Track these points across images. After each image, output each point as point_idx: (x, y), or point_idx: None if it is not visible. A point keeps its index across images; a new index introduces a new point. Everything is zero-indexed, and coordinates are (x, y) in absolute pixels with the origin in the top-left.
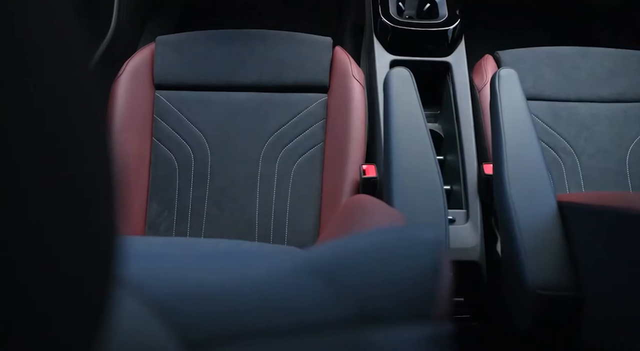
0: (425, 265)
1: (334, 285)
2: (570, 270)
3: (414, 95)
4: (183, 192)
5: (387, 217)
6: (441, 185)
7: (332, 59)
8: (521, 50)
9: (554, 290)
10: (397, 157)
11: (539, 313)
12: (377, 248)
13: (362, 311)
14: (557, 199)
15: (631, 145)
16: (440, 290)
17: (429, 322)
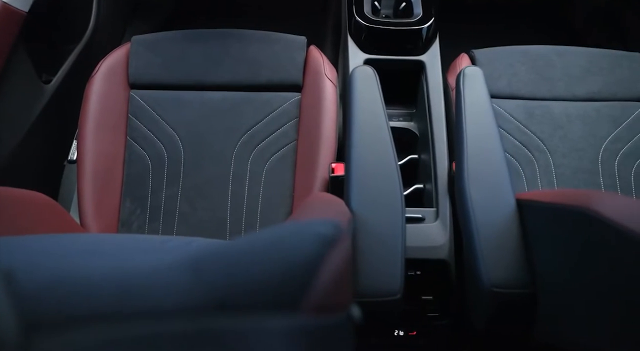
0: (301, 259)
1: (200, 275)
2: (525, 268)
3: (377, 93)
4: (156, 190)
5: (333, 213)
6: (399, 184)
7: (306, 58)
8: (496, 49)
9: (508, 288)
10: (357, 155)
11: (493, 311)
12: (257, 242)
13: (222, 301)
14: (516, 198)
15: (604, 143)
16: (319, 284)
17: (299, 314)
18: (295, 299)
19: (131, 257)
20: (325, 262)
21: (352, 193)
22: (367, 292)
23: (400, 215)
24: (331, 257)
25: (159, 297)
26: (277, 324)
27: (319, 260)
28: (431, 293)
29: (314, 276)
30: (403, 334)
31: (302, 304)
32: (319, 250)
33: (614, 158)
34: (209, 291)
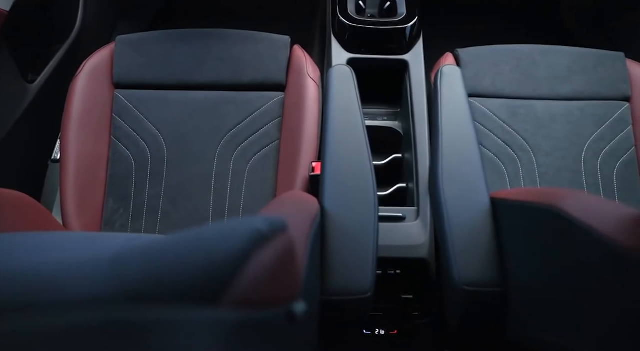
0: (225, 254)
1: (115, 268)
2: (497, 266)
3: (353, 92)
4: (139, 189)
5: (294, 211)
6: (373, 182)
7: (290, 57)
8: (481, 48)
9: (479, 286)
10: (331, 153)
11: (465, 310)
12: (182, 238)
13: (136, 293)
14: (490, 196)
15: (587, 142)
16: (244, 278)
17: (220, 307)
18: (216, 293)
19: (66, 252)
20: (252, 257)
21: (325, 192)
22: (338, 290)
23: (372, 214)
24: (262, 253)
25: (71, 289)
26: (196, 317)
27: (245, 255)
28: (412, 292)
29: (237, 271)
30: (384, 333)
31: (223, 298)
32: (245, 246)
33: (597, 157)
34: (121, 283)
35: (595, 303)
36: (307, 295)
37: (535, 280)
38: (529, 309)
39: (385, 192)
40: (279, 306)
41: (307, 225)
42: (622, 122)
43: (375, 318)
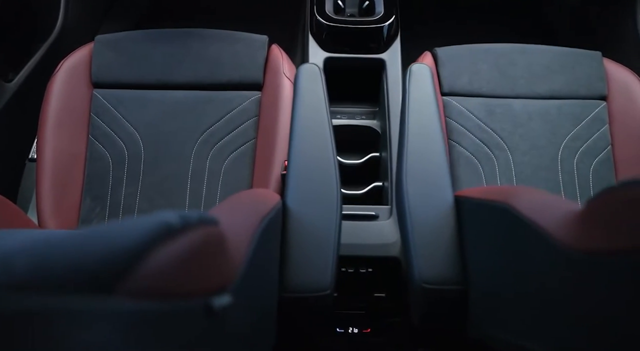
0: (126, 245)
1: (2, 259)
2: (458, 264)
3: (321, 91)
4: (116, 188)
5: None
6: (336, 180)
7: (267, 57)
8: (459, 47)
9: (438, 284)
10: (296, 151)
11: (425, 307)
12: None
13: (22, 282)
14: (454, 195)
15: (564, 141)
16: (144, 270)
17: (115, 297)
18: (111, 282)
19: None
20: (157, 248)
21: (288, 189)
22: (297, 287)
23: (335, 211)
24: (170, 245)
25: None
26: (93, 306)
27: (147, 245)
28: (384, 291)
29: (136, 261)
30: (357, 331)
31: (119, 287)
32: (148, 237)
33: (573, 156)
34: (5, 272)
35: (542, 302)
36: (250, 291)
37: (492, 278)
38: (487, 307)
39: (361, 190)
40: (194, 299)
41: (255, 222)
42: (599, 121)
43: (348, 316)
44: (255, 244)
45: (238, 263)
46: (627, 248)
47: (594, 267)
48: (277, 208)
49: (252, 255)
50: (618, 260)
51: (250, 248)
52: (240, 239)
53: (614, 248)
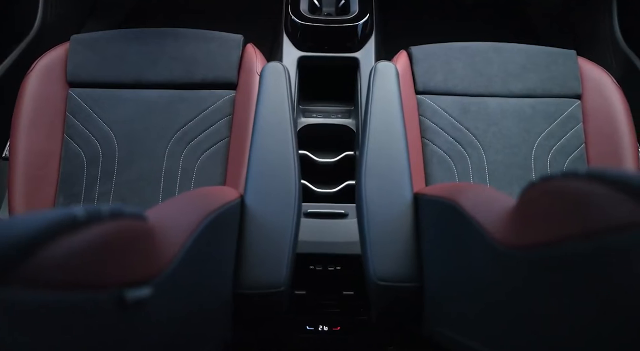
0: (22, 235)
1: None
2: (415, 261)
3: (285, 89)
4: (90, 187)
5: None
6: (295, 177)
7: (242, 56)
8: (435, 46)
9: (393, 282)
10: (257, 149)
11: (381, 305)
12: None
13: None
14: (415, 193)
15: (538, 139)
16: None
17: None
18: (5, 271)
19: None
20: (58, 239)
21: (247, 187)
22: (251, 284)
23: (293, 208)
24: (74, 237)
25: None
26: None
27: (45, 236)
28: (352, 289)
29: (33, 251)
30: (328, 329)
31: (13, 277)
32: (47, 228)
33: (547, 155)
34: None
35: (481, 300)
36: (188, 287)
37: (443, 276)
38: (439, 305)
39: (334, 189)
40: (104, 291)
41: (197, 218)
42: (573, 120)
43: (318, 314)
44: (196, 240)
45: (169, 257)
46: (543, 241)
47: (519, 262)
48: (232, 205)
49: (191, 251)
50: (537, 254)
51: (187, 243)
52: (176, 234)
53: (533, 242)
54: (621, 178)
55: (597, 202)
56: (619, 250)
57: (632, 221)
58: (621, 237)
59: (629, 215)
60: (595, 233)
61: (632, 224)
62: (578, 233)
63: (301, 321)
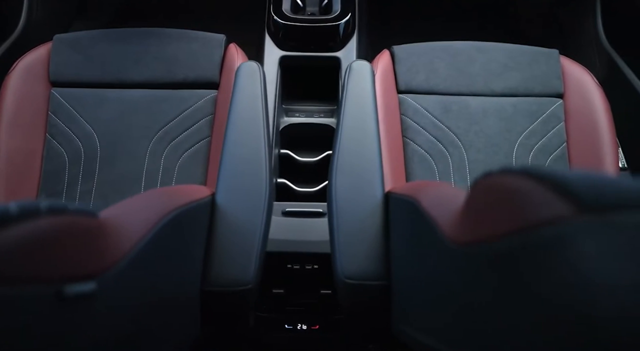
0: None
1: None
2: (382, 260)
3: (259, 88)
4: (71, 185)
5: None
6: (266, 176)
7: (224, 55)
8: (417, 45)
9: (360, 279)
10: (228, 147)
11: (349, 303)
12: None
13: None
14: (386, 191)
15: (519, 138)
16: None
17: None
18: None
19: None
20: None
21: (218, 185)
22: (218, 281)
23: (262, 205)
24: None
25: None
26: None
27: None
28: (330, 287)
29: None
30: (306, 328)
31: None
32: None
33: (528, 153)
34: None
35: (437, 298)
36: (145, 283)
37: (407, 273)
38: (403, 303)
39: (315, 188)
40: (40, 286)
41: (156, 215)
42: (555, 118)
43: (297, 313)
44: (155, 235)
45: (122, 253)
46: (484, 237)
47: (466, 260)
48: (201, 203)
49: (149, 247)
50: (480, 250)
51: (144, 239)
52: (132, 230)
53: (476, 238)
54: (548, 174)
55: (528, 198)
56: (544, 244)
57: (556, 216)
58: (546, 232)
59: (554, 210)
60: (526, 228)
61: (556, 219)
62: (513, 228)
63: (280, 319)
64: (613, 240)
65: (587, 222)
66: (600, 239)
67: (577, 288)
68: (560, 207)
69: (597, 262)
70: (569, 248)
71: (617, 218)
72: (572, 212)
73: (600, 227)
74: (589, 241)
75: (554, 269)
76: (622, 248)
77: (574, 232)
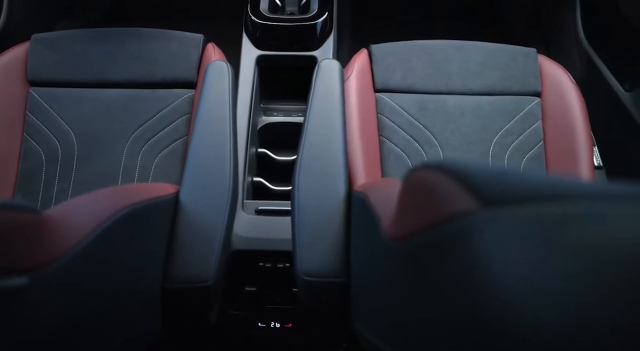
0: None
1: None
2: (342, 257)
3: (226, 87)
4: (48, 184)
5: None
6: (230, 174)
7: (202, 55)
8: (395, 44)
9: (319, 276)
10: (194, 145)
11: (308, 300)
12: None
13: None
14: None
15: (495, 137)
16: None
17: None
18: None
19: None
20: None
21: (183, 183)
22: (178, 278)
23: (224, 202)
24: None
25: None
26: None
27: None
28: None
29: None
30: (279, 326)
31: None
32: None
33: (505, 152)
34: None
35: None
36: (94, 279)
37: (362, 271)
38: (358, 302)
39: (289, 186)
40: None
41: (107, 211)
42: (532, 117)
43: (270, 311)
44: (105, 231)
45: (65, 248)
46: (408, 232)
47: (398, 255)
48: (163, 200)
49: (97, 242)
50: (406, 245)
51: (92, 235)
52: (78, 226)
53: (403, 233)
54: (456, 169)
55: (440, 192)
56: (450, 239)
57: (461, 210)
58: (453, 226)
59: (460, 204)
60: (438, 222)
61: (461, 213)
62: (428, 223)
63: (253, 317)
64: (513, 234)
65: (488, 216)
66: (500, 233)
67: (476, 283)
68: (465, 201)
69: (495, 256)
70: (470, 242)
71: (518, 211)
72: (475, 206)
73: (501, 221)
74: (488, 235)
75: (456, 263)
76: (521, 241)
77: (475, 226)
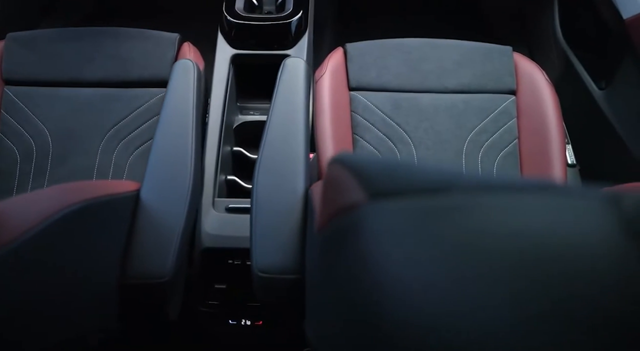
0: None
1: None
2: (298, 254)
3: (191, 85)
4: (22, 183)
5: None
6: (190, 172)
7: (177, 54)
8: (371, 42)
9: (273, 273)
10: (157, 143)
11: (263, 296)
12: None
13: None
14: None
15: (469, 135)
16: None
17: None
18: None
19: None
20: None
21: (144, 180)
22: (135, 274)
23: (184, 201)
24: None
25: None
26: None
27: None
28: None
29: None
30: (250, 323)
31: None
32: None
33: (479, 150)
34: None
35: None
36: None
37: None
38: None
39: None
40: None
41: (56, 205)
42: (506, 115)
43: (240, 308)
44: (53, 225)
45: (4, 240)
46: (322, 224)
47: (319, 246)
48: (123, 196)
49: (42, 235)
50: (321, 236)
51: (33, 230)
52: (23, 219)
53: (320, 225)
54: (351, 162)
55: (342, 184)
56: (344, 229)
57: (354, 201)
58: (347, 217)
59: (353, 196)
60: (339, 213)
61: (354, 204)
62: (334, 213)
63: (223, 314)
64: (394, 226)
65: (373, 208)
66: (384, 225)
67: (360, 275)
68: (357, 194)
69: (380, 246)
70: (357, 234)
71: (399, 204)
72: (364, 197)
73: (385, 213)
74: (375, 225)
75: (351, 255)
76: (401, 234)
77: (363, 217)
